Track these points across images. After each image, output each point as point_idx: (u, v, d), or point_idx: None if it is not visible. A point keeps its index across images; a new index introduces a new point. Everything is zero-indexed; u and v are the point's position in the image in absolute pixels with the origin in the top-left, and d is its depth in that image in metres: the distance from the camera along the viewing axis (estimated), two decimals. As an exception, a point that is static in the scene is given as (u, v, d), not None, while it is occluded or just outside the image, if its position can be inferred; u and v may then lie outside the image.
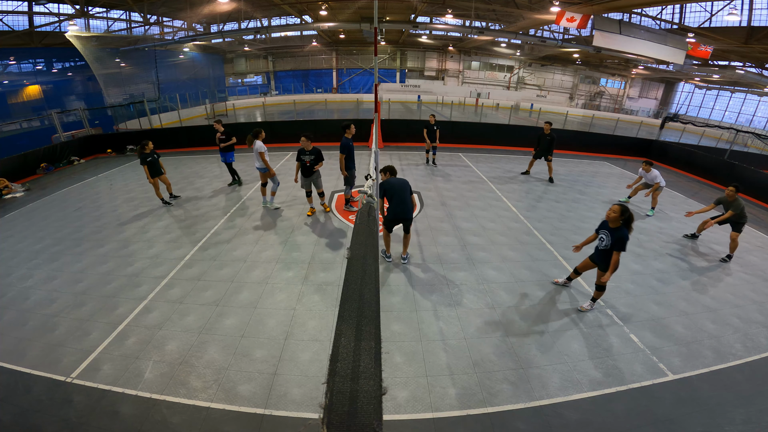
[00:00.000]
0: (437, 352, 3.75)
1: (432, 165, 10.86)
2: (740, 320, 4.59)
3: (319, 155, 6.36)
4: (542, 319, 4.35)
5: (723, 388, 3.55)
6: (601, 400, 3.32)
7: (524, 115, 26.21)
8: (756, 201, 9.80)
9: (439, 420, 3.07)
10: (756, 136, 14.65)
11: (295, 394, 3.26)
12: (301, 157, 6.35)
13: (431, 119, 10.45)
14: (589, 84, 34.89)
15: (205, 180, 9.36)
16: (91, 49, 17.28)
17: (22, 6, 15.51)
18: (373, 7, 4.33)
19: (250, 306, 4.43)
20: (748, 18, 15.20)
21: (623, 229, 3.94)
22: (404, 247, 5.42)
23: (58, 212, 7.55)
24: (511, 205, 7.86)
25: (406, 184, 4.98)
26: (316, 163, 6.38)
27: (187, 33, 23.16)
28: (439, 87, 34.00)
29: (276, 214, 7.04)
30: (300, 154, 6.34)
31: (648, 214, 7.85)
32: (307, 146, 6.27)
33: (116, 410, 3.13)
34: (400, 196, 4.89)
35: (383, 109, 14.64)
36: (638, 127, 16.43)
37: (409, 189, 4.98)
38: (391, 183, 4.92)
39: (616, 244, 3.93)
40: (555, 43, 20.60)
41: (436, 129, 10.32)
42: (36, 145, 11.02)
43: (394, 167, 5.10)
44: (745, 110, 28.41)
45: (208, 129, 14.03)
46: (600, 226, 4.25)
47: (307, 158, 6.31)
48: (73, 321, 4.24)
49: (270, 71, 35.02)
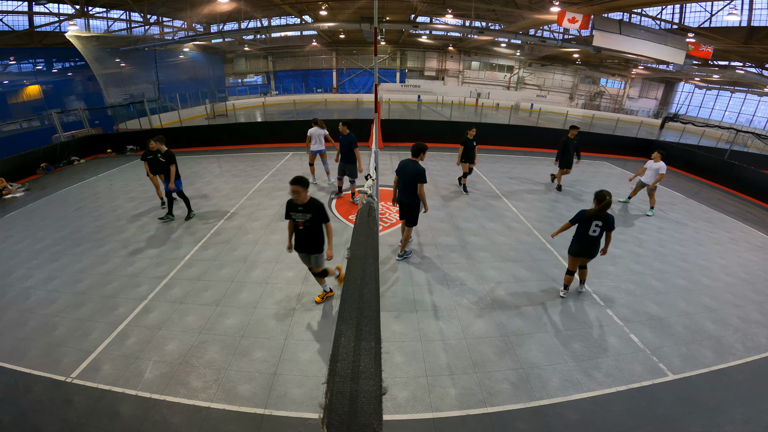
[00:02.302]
0: (437, 352, 3.75)
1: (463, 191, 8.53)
2: (740, 320, 4.59)
3: (320, 213, 3.76)
4: (542, 319, 4.34)
5: (723, 388, 3.55)
6: (601, 400, 3.32)
7: (524, 115, 26.21)
8: (756, 201, 9.80)
9: (439, 420, 3.07)
10: (756, 136, 14.65)
11: (295, 394, 3.26)
12: (291, 214, 3.83)
13: (470, 133, 8.09)
14: (589, 84, 34.89)
15: (205, 180, 9.36)
16: (91, 49, 17.28)
17: (22, 6, 15.51)
18: (373, 7, 4.34)
19: (250, 306, 4.43)
20: (748, 18, 15.21)
21: (608, 214, 4.30)
22: (402, 244, 5.45)
23: (58, 212, 7.55)
24: (511, 206, 7.86)
25: (415, 172, 4.86)
26: (316, 223, 3.81)
27: (187, 33, 23.16)
28: (439, 87, 34.00)
29: (276, 213, 7.04)
30: (289, 209, 3.83)
31: (648, 214, 7.85)
32: (300, 197, 3.63)
33: (116, 410, 3.13)
34: (403, 180, 5.04)
35: (383, 109, 14.64)
36: (638, 127, 16.43)
37: (415, 177, 4.87)
38: (403, 165, 5.03)
39: (611, 227, 4.32)
40: (555, 43, 20.61)
41: (475, 145, 8.16)
42: (36, 145, 11.02)
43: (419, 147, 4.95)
44: (745, 110, 28.41)
45: (208, 129, 14.07)
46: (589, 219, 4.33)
47: (300, 217, 3.75)
48: (73, 321, 4.24)
49: (270, 71, 35.02)
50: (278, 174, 9.63)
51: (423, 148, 4.97)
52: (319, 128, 8.17)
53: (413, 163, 4.94)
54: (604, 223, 4.26)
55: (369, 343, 0.93)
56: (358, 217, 2.12)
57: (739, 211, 8.87)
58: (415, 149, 4.97)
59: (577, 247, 4.48)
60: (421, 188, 4.91)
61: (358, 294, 1.18)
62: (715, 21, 16.34)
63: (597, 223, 4.27)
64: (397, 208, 5.54)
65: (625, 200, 8.52)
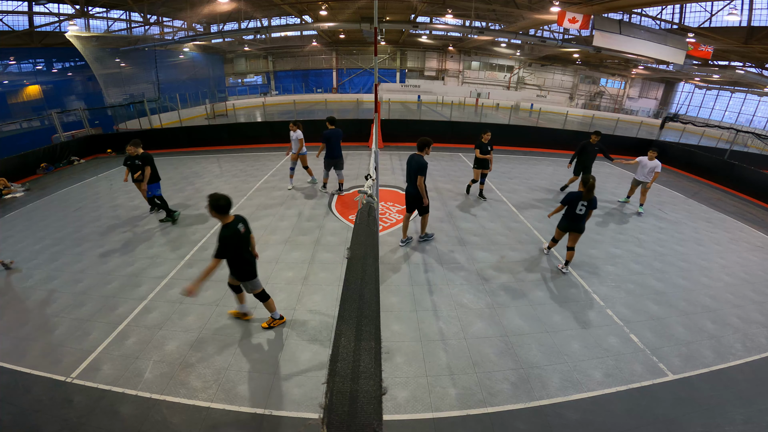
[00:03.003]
0: (437, 352, 3.75)
1: (481, 198, 8.07)
2: (740, 320, 4.59)
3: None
4: (542, 319, 4.34)
5: (723, 388, 3.55)
6: (601, 400, 3.32)
7: (524, 115, 26.21)
8: (756, 201, 9.80)
9: (439, 420, 3.07)
10: (756, 136, 14.65)
11: (295, 394, 3.26)
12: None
13: (485, 137, 7.62)
14: (589, 84, 34.89)
15: (204, 180, 9.35)
16: (91, 49, 17.29)
17: (22, 6, 15.52)
18: (373, 7, 4.34)
19: (250, 306, 4.42)
20: (748, 18, 15.21)
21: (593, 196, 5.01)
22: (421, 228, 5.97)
23: (58, 212, 7.54)
24: (511, 206, 7.86)
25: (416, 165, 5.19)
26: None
27: (187, 33, 23.16)
28: (439, 87, 34.01)
29: (276, 213, 7.04)
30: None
31: (639, 211, 7.90)
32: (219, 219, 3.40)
33: (116, 410, 3.13)
34: (408, 172, 5.41)
35: (383, 109, 14.65)
36: (638, 127, 16.44)
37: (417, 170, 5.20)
38: (409, 158, 5.36)
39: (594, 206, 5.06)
40: (555, 43, 20.60)
41: (490, 150, 7.67)
42: (36, 145, 11.01)
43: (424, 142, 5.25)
44: (745, 110, 28.41)
45: (208, 129, 14.06)
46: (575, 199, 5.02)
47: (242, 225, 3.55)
48: (73, 321, 4.24)
49: (270, 71, 35.02)
50: (278, 174, 9.62)
51: (427, 143, 5.27)
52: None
53: (418, 156, 5.26)
54: (589, 203, 4.98)
55: (369, 343, 0.93)
56: (358, 217, 2.12)
57: (739, 211, 8.87)
58: (420, 143, 5.27)
59: (566, 223, 5.20)
60: (420, 180, 5.22)
61: (358, 294, 1.18)
62: (715, 21, 16.35)
63: (583, 203, 4.99)
64: (397, 208, 5.62)
65: (625, 200, 8.52)
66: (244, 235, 3.54)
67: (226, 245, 3.34)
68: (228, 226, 3.37)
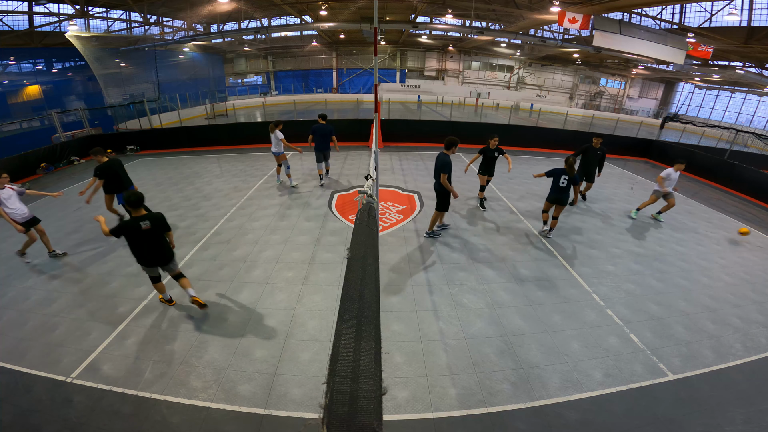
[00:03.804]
0: (437, 352, 3.75)
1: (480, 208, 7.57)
2: (740, 320, 4.59)
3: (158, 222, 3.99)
4: (542, 318, 4.34)
5: (723, 388, 3.55)
6: (601, 400, 3.32)
7: (524, 115, 26.20)
8: (756, 201, 9.80)
9: (439, 420, 3.07)
10: (756, 136, 14.65)
11: (295, 394, 3.26)
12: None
13: (492, 142, 7.09)
14: (589, 84, 34.88)
15: (204, 180, 9.35)
16: (91, 49, 17.28)
17: (22, 6, 15.51)
18: (373, 7, 4.34)
19: (250, 306, 4.43)
20: (748, 18, 15.21)
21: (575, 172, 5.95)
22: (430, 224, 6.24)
23: (58, 212, 7.54)
24: (511, 206, 7.86)
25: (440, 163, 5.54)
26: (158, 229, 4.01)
27: (187, 33, 23.15)
28: (439, 87, 33.99)
29: (276, 213, 7.04)
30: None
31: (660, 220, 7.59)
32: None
33: (116, 410, 3.13)
34: (434, 169, 5.76)
35: (383, 109, 14.64)
36: (638, 127, 16.44)
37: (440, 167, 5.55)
38: (437, 156, 5.70)
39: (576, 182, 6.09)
40: (555, 43, 20.60)
41: (497, 156, 7.24)
42: (36, 145, 11.01)
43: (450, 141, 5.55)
44: (745, 110, 28.40)
45: (208, 129, 14.06)
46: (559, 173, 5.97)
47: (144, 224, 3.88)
48: (73, 321, 4.24)
49: (270, 71, 35.01)
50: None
51: (454, 143, 5.56)
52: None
53: (443, 155, 5.57)
54: (570, 178, 5.85)
55: (369, 343, 0.93)
56: (358, 217, 2.11)
57: (739, 211, 8.87)
58: (447, 143, 5.58)
59: (553, 195, 6.09)
60: (443, 177, 5.49)
61: (358, 294, 1.18)
62: (715, 21, 16.35)
63: (564, 177, 5.89)
64: (397, 208, 5.68)
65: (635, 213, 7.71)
66: (147, 232, 3.91)
67: (119, 229, 3.86)
68: (134, 218, 3.87)
